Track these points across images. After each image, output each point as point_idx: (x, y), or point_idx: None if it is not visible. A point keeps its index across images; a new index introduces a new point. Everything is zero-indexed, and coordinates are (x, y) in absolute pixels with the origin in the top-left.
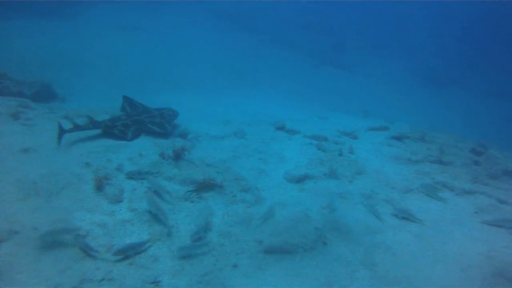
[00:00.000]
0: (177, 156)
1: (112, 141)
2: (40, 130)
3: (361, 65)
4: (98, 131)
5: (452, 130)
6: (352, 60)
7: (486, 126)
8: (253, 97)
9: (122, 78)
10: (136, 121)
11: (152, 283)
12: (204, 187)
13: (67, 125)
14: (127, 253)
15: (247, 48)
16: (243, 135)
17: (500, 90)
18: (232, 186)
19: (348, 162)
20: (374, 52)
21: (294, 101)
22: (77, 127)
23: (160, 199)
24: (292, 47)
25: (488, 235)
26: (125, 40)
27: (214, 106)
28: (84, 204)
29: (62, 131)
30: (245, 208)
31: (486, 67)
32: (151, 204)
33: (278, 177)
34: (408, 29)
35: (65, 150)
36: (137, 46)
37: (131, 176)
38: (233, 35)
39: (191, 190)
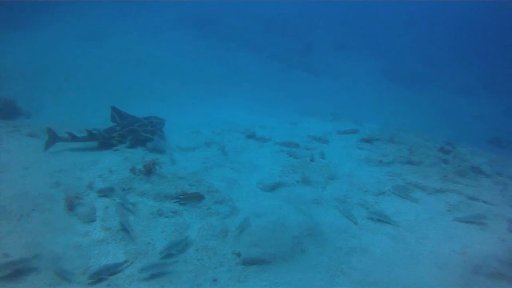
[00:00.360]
0: (148, 171)
1: (81, 157)
2: (5, 149)
3: (329, 68)
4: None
5: (421, 128)
6: (320, 63)
7: (454, 123)
8: (222, 105)
9: (87, 90)
10: (130, 130)
11: None
12: (192, 197)
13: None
14: (103, 275)
15: (215, 55)
16: (214, 145)
17: (468, 88)
18: (206, 199)
19: (320, 167)
20: (340, 54)
21: (263, 107)
22: (74, 138)
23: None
24: (259, 52)
25: (462, 232)
26: (89, 50)
27: (182, 116)
28: (56, 225)
29: (54, 139)
30: (220, 220)
31: (453, 65)
32: (121, 217)
33: (251, 186)
34: (373, 30)
35: (33, 169)
36: (101, 57)
37: (102, 194)
38: (200, 42)
39: (179, 198)
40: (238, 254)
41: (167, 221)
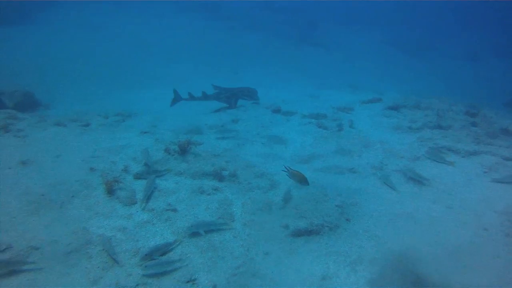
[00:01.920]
0: (183, 151)
1: (111, 141)
2: (34, 140)
3: (336, 41)
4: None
5: (438, 94)
6: (327, 37)
7: (469, 88)
8: (239, 82)
9: (98, 78)
10: (233, 94)
11: (188, 281)
12: (298, 176)
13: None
14: (154, 255)
15: (222, 36)
16: (241, 122)
17: (475, 54)
18: (245, 174)
19: (352, 136)
20: (346, 28)
21: (279, 83)
22: (192, 98)
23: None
24: (265, 31)
25: (501, 193)
26: (96, 39)
27: None
28: (99, 210)
29: (179, 98)
30: (262, 194)
31: (460, 33)
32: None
33: (286, 159)
34: (379, 2)
35: (66, 157)
36: (108, 44)
37: (139, 176)
38: (203, 23)
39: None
40: (286, 226)
41: (209, 198)
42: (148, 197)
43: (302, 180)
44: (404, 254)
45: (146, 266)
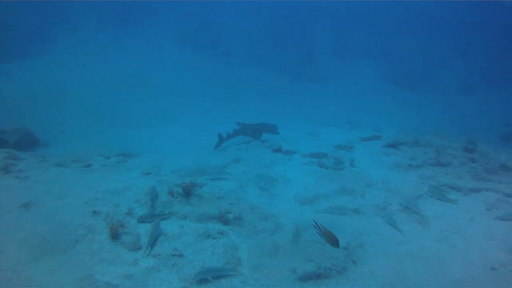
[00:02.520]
0: (187, 193)
1: (113, 183)
2: (36, 181)
3: (333, 75)
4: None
5: (435, 129)
6: (323, 71)
7: (465, 121)
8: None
9: (96, 115)
10: (258, 128)
11: None
12: (328, 236)
13: None
14: None
15: (221, 71)
16: (243, 162)
17: (470, 85)
18: (249, 217)
19: (354, 176)
20: (342, 61)
21: (278, 120)
22: (229, 136)
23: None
24: (263, 65)
25: (506, 231)
26: (92, 75)
27: (199, 135)
28: (103, 256)
29: (222, 140)
30: (268, 237)
31: (454, 65)
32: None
33: (289, 200)
34: (372, 35)
35: (68, 199)
36: (105, 81)
37: (143, 220)
38: (202, 59)
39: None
40: (294, 270)
41: (215, 243)
42: (153, 242)
43: (333, 242)
44: None
45: None
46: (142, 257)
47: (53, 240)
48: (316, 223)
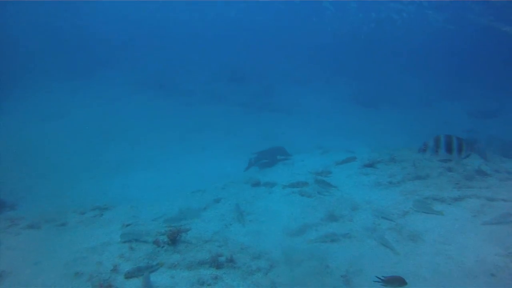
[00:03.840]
0: (173, 240)
1: (94, 241)
2: (8, 248)
3: (296, 103)
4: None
5: (403, 144)
6: (286, 100)
7: (429, 132)
8: (204, 159)
9: (61, 170)
10: (272, 153)
11: None
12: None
13: None
14: None
15: (182, 112)
16: (224, 200)
17: (428, 99)
18: (241, 257)
19: (338, 201)
20: (302, 88)
21: (246, 154)
22: (256, 160)
23: None
24: (224, 100)
25: (496, 235)
26: (52, 129)
27: (172, 179)
28: None
29: (250, 164)
30: (264, 276)
31: (411, 82)
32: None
33: (278, 234)
34: (330, 61)
35: (45, 264)
36: (68, 135)
37: (130, 275)
38: (161, 102)
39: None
40: None
41: None
42: None
43: (400, 283)
44: None
45: None
46: None
47: None
48: (378, 277)
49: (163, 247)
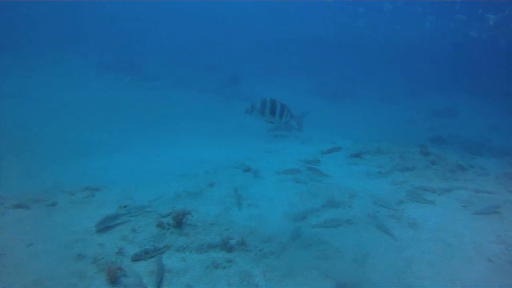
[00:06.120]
0: (179, 223)
1: (91, 222)
2: None
3: (263, 94)
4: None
5: (374, 137)
6: (254, 91)
7: (396, 128)
8: (181, 145)
9: (32, 151)
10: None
11: None
12: None
13: None
14: None
15: (150, 96)
16: (218, 184)
17: (392, 96)
18: (252, 240)
19: (334, 188)
20: (268, 79)
21: (224, 140)
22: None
23: None
24: (191, 88)
25: (486, 224)
26: (19, 109)
27: (152, 163)
28: None
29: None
30: (277, 260)
31: (375, 79)
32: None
33: (279, 219)
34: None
35: (41, 245)
36: (30, 114)
37: (138, 258)
38: (127, 84)
39: None
40: None
41: (227, 273)
42: (160, 281)
43: None
44: None
45: None
46: None
47: None
48: None
49: (168, 229)
